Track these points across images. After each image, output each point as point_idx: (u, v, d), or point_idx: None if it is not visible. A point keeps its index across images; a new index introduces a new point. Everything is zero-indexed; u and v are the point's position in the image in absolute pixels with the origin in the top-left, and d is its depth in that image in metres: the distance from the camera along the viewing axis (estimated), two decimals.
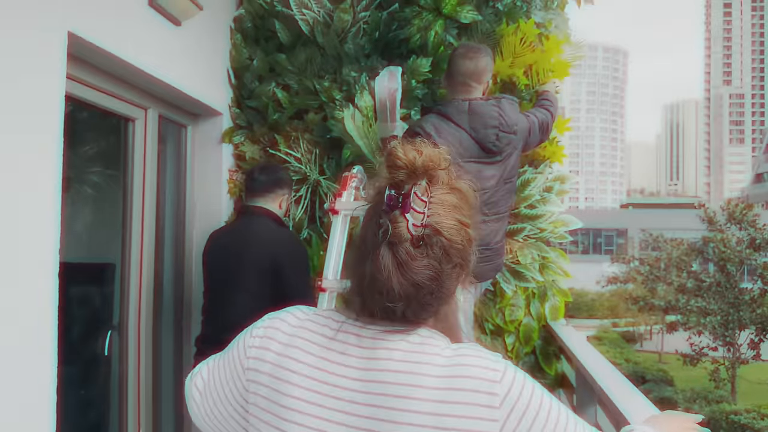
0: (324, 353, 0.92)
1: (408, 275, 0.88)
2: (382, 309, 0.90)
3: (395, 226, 0.88)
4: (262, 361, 0.95)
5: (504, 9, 3.12)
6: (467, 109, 2.40)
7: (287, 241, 2.64)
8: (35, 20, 1.86)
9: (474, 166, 2.38)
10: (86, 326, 2.94)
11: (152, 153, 2.87)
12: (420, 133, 2.37)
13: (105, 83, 2.47)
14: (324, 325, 0.96)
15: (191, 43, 2.85)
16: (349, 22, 3.15)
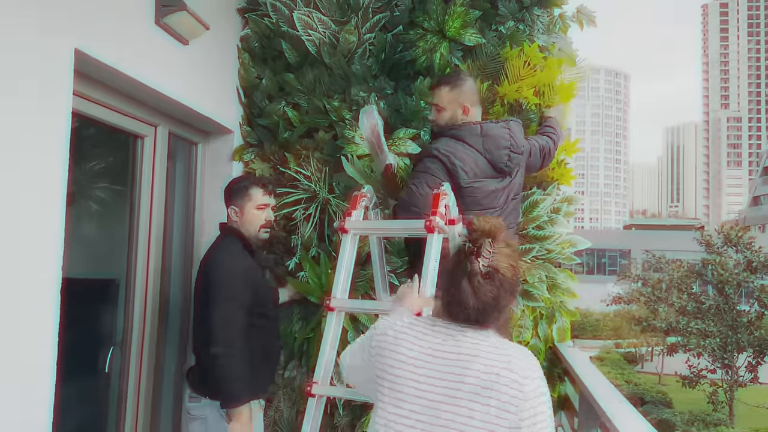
0: (426, 339, 1.50)
1: (479, 297, 1.45)
2: (463, 317, 1.49)
3: (472, 267, 1.46)
4: (381, 349, 1.55)
5: (507, 32, 3.16)
6: (480, 132, 2.52)
7: (213, 263, 2.50)
8: (41, 37, 1.88)
9: (488, 185, 2.49)
10: (88, 343, 2.93)
11: (161, 170, 2.88)
12: (437, 156, 2.46)
13: (113, 100, 2.50)
14: (421, 324, 1.56)
15: (199, 61, 2.88)
16: (355, 43, 3.18)
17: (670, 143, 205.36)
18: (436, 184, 2.38)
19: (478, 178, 2.46)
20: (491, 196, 2.49)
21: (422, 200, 2.39)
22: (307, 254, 3.18)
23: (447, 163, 2.44)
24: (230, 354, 2.37)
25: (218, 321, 2.38)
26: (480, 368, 1.42)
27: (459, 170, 2.44)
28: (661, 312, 18.35)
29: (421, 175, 2.48)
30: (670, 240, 35.62)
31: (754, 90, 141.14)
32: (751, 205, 74.38)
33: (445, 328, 1.51)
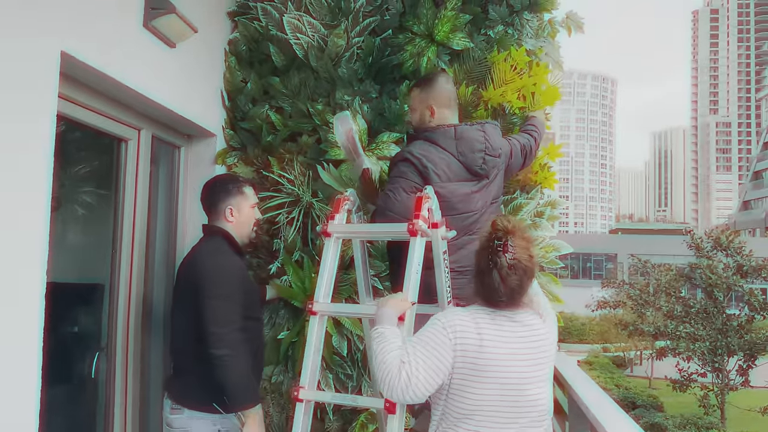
0: (495, 327, 1.83)
1: (507, 284, 1.81)
2: (495, 300, 1.84)
3: (500, 261, 1.80)
4: (464, 338, 1.79)
5: (495, 37, 3.18)
6: (454, 135, 2.47)
7: (209, 264, 2.45)
8: (28, 39, 1.87)
9: (464, 188, 2.44)
10: (73, 347, 2.91)
11: (144, 173, 2.87)
12: (409, 159, 2.41)
13: (98, 103, 2.48)
14: (478, 313, 1.86)
15: (186, 64, 2.87)
16: (343, 47, 3.19)
17: (657, 148, 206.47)
18: (412, 188, 2.37)
19: (452, 181, 2.41)
20: (466, 200, 2.45)
21: (399, 206, 2.36)
22: (291, 258, 3.17)
23: (419, 166, 2.39)
24: (236, 354, 2.34)
25: (221, 321, 2.35)
26: (545, 340, 1.88)
27: (431, 173, 2.39)
28: (648, 316, 18.42)
29: (396, 180, 2.43)
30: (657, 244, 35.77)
31: (744, 95, 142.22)
32: (741, 210, 74.95)
33: (496, 313, 1.85)
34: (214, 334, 2.32)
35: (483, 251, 1.86)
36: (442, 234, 2.33)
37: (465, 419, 1.80)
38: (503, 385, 1.78)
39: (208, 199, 2.63)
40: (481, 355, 1.78)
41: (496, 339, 1.80)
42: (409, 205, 2.35)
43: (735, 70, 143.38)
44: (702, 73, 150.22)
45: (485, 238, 1.88)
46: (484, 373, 1.77)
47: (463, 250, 2.43)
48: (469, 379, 1.79)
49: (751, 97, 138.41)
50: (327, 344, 2.99)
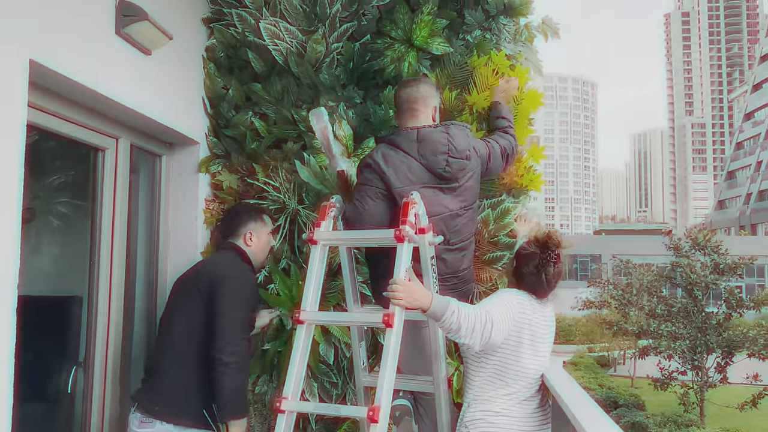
0: (538, 308, 2.35)
1: (551, 285, 2.35)
2: (541, 295, 2.36)
3: (550, 269, 2.30)
4: (521, 312, 2.28)
5: (474, 41, 3.17)
6: (416, 137, 2.44)
7: (229, 270, 2.56)
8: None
9: (429, 192, 2.40)
10: (49, 362, 2.83)
11: (123, 183, 2.81)
12: (370, 164, 2.41)
13: (71, 112, 2.42)
14: (527, 297, 2.33)
15: (163, 72, 2.82)
16: (323, 52, 3.16)
17: (637, 150, 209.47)
18: (378, 195, 2.36)
19: (414, 185, 2.37)
20: (434, 204, 2.40)
21: (366, 215, 2.36)
22: (277, 266, 3.13)
23: (378, 171, 2.38)
24: (243, 363, 2.40)
25: (236, 327, 2.40)
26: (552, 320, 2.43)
27: (390, 177, 2.36)
28: (632, 316, 18.58)
29: (362, 189, 2.42)
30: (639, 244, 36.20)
31: (717, 96, 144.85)
32: (716, 209, 76.16)
33: (537, 301, 2.35)
34: (227, 341, 2.36)
35: (532, 257, 2.31)
36: (429, 239, 2.31)
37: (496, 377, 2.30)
38: (547, 350, 2.38)
39: (231, 222, 2.77)
40: (535, 328, 2.31)
41: (541, 317, 2.33)
42: (376, 213, 2.37)
43: (708, 72, 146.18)
44: (677, 75, 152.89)
45: (538, 247, 2.31)
46: (539, 343, 2.32)
47: (439, 261, 2.41)
48: (525, 344, 2.27)
49: (723, 98, 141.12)
50: (313, 352, 2.95)
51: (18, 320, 1.90)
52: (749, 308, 16.36)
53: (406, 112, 2.54)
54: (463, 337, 2.11)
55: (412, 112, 2.53)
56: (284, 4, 3.20)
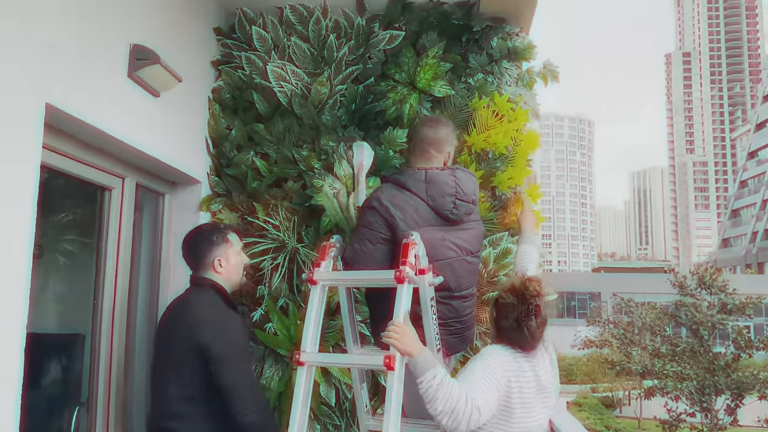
0: (527, 364, 2.14)
1: (536, 337, 2.14)
2: (528, 348, 2.14)
3: (531, 322, 2.11)
4: (506, 378, 2.07)
5: (476, 84, 3.25)
6: (424, 178, 2.41)
7: (215, 324, 2.31)
8: (12, 90, 1.86)
9: (436, 233, 2.38)
10: (52, 402, 2.81)
11: (128, 221, 2.85)
12: (376, 208, 2.35)
13: (83, 153, 2.47)
14: (511, 353, 2.13)
15: (170, 113, 2.88)
16: (327, 94, 3.24)
17: (636, 187, 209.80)
18: (377, 239, 2.33)
19: (420, 227, 2.33)
20: (440, 247, 2.37)
21: (365, 258, 2.33)
22: (275, 305, 3.13)
23: (386, 216, 2.32)
24: (264, 419, 2.30)
25: (246, 384, 2.27)
26: (550, 376, 2.22)
27: (398, 221, 2.31)
28: (634, 355, 18.35)
29: (362, 231, 2.38)
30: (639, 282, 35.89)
31: (719, 135, 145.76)
32: (721, 247, 75.84)
33: (525, 356, 2.14)
34: (245, 404, 2.23)
35: (511, 309, 2.14)
36: (429, 280, 2.31)
37: None
38: (541, 409, 2.17)
39: (193, 252, 2.49)
40: (524, 390, 2.10)
41: (530, 374, 2.13)
42: (375, 257, 2.34)
43: (709, 110, 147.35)
44: (677, 113, 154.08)
45: (515, 298, 2.14)
46: (530, 403, 2.11)
47: (443, 305, 2.40)
48: (516, 406, 2.08)
49: (725, 137, 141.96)
50: (315, 394, 2.93)
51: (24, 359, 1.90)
52: (758, 349, 16.13)
53: (419, 153, 2.50)
54: (435, 412, 1.92)
55: (425, 154, 2.48)
56: (293, 47, 3.30)
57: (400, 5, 3.31)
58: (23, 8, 1.90)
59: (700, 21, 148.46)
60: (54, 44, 2.04)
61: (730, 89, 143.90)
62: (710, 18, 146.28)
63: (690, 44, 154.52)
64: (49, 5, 2.01)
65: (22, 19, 1.89)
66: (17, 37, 1.87)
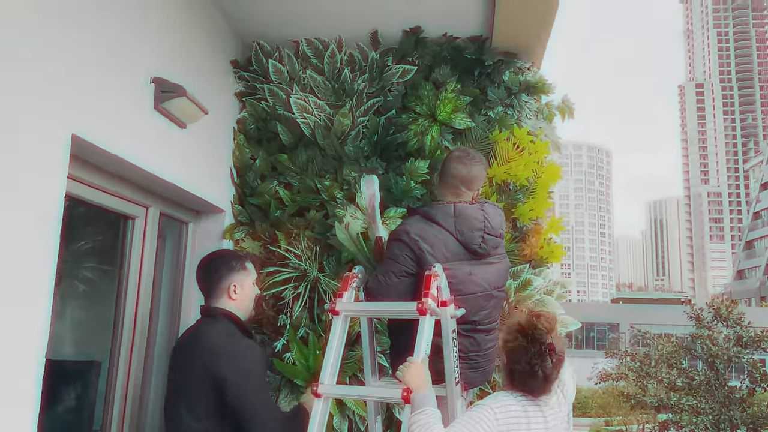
0: (530, 412, 1.92)
1: (550, 380, 1.92)
2: (538, 392, 1.94)
3: (545, 363, 1.89)
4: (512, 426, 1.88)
5: (496, 117, 3.28)
6: (453, 212, 2.39)
7: (232, 355, 2.24)
8: (39, 122, 1.89)
9: (464, 267, 2.36)
10: (66, 429, 2.80)
11: (150, 250, 2.86)
12: (405, 241, 2.33)
13: (108, 183, 2.50)
14: (513, 399, 1.93)
15: (195, 143, 2.92)
16: (349, 125, 3.27)
17: (652, 217, 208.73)
18: (403, 272, 2.31)
19: (449, 261, 2.32)
20: (468, 282, 2.35)
21: (390, 290, 2.31)
22: (296, 335, 3.13)
23: (415, 249, 2.30)
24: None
25: (269, 416, 2.23)
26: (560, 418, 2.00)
27: (427, 255, 2.29)
28: (650, 388, 18.03)
29: (388, 263, 2.36)
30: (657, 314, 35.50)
31: (732, 166, 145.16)
32: (736, 279, 74.86)
33: (532, 402, 1.94)
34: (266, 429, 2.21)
35: (522, 351, 1.92)
36: (451, 312, 2.30)
37: None
38: None
39: (209, 276, 2.44)
40: None
41: (537, 423, 1.92)
42: (399, 290, 2.32)
43: (722, 141, 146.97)
44: (691, 144, 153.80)
45: (525, 339, 1.92)
46: None
47: (466, 338, 2.38)
48: None
49: (739, 167, 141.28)
50: (328, 425, 2.90)
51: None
52: None
53: (451, 188, 2.46)
54: None
55: (456, 190, 2.45)
56: (309, 80, 3.35)
57: (413, 40, 3.36)
58: (53, 42, 1.94)
59: (711, 53, 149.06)
60: (81, 77, 2.08)
61: (743, 120, 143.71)
62: (720, 50, 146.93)
63: (701, 75, 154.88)
64: (78, 40, 2.06)
65: (52, 52, 1.94)
66: (46, 69, 1.91)
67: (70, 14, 2.02)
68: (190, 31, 2.87)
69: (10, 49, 1.76)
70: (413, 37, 3.35)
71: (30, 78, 1.85)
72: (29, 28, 1.84)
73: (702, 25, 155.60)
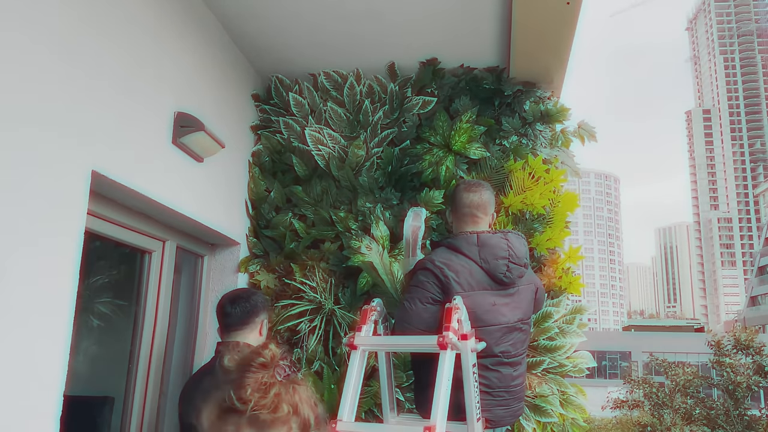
0: None
1: None
2: None
3: None
4: None
5: (510, 146, 3.27)
6: (476, 242, 2.39)
7: None
8: (60, 159, 1.89)
9: (488, 297, 2.34)
10: None
11: (167, 284, 2.84)
12: (430, 269, 2.33)
13: (126, 218, 2.50)
14: None
15: (212, 177, 2.92)
16: (363, 156, 3.27)
17: (662, 243, 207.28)
18: (428, 299, 2.30)
19: (475, 290, 2.31)
20: (493, 312, 2.33)
21: (415, 317, 2.29)
22: (310, 368, 3.08)
23: (440, 276, 2.30)
24: None
25: None
26: None
27: (453, 282, 2.29)
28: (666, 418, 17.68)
29: (414, 290, 2.35)
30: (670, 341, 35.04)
31: (742, 191, 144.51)
32: (749, 306, 73.88)
33: None
34: None
35: None
36: (472, 346, 2.25)
37: None
38: None
39: (251, 311, 2.47)
40: None
41: None
42: (423, 317, 2.29)
43: (731, 167, 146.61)
44: (700, 170, 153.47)
45: None
46: None
47: (492, 372, 2.34)
48: None
49: (749, 192, 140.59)
50: None
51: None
52: None
53: (468, 217, 2.48)
54: None
55: (474, 218, 2.48)
56: (329, 112, 3.36)
57: (431, 71, 3.37)
58: (71, 77, 1.95)
59: (718, 78, 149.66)
60: (100, 112, 2.08)
61: (751, 145, 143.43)
62: (727, 75, 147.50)
63: (709, 102, 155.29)
64: (96, 74, 2.07)
65: (71, 88, 1.94)
66: (64, 105, 1.92)
67: (91, 50, 2.03)
68: (207, 66, 2.90)
69: (33, 81, 1.77)
70: (431, 69, 3.37)
71: (50, 115, 1.85)
72: (51, 63, 1.85)
73: (708, 51, 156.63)
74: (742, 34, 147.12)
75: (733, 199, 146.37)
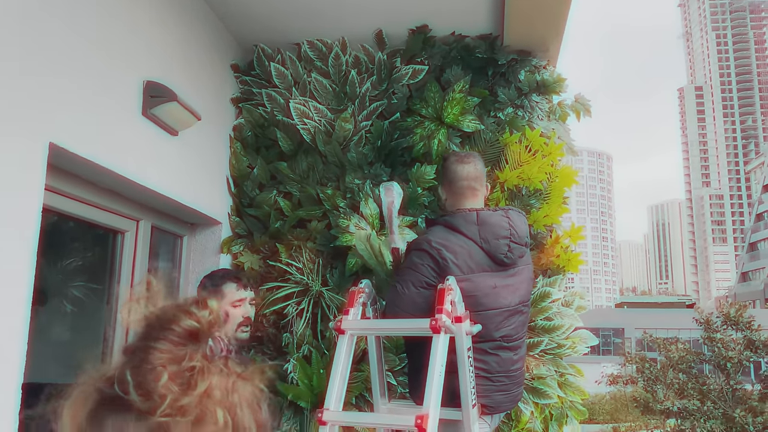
0: None
1: None
2: None
3: None
4: None
5: (506, 118, 3.11)
6: (476, 220, 2.23)
7: None
8: (12, 130, 1.73)
9: (488, 279, 2.19)
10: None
11: (142, 266, 2.69)
12: (426, 250, 2.17)
13: (91, 195, 2.33)
14: None
15: (188, 152, 2.75)
16: (351, 130, 3.10)
17: (655, 221, 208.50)
18: (422, 283, 2.15)
19: (474, 272, 2.16)
20: (494, 295, 2.19)
21: (408, 302, 2.14)
22: (299, 353, 2.94)
23: (437, 257, 2.14)
24: None
25: None
26: None
27: (450, 264, 2.13)
28: (659, 393, 17.86)
29: (407, 273, 2.20)
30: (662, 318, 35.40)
31: (733, 168, 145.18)
32: (740, 281, 74.63)
33: None
34: None
35: None
36: (467, 329, 2.12)
37: None
38: None
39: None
40: None
41: None
42: (417, 302, 2.15)
43: (723, 144, 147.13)
44: (692, 147, 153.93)
45: None
46: None
47: (491, 356, 2.20)
48: None
49: (740, 169, 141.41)
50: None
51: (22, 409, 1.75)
52: None
53: (467, 191, 2.31)
54: None
55: (473, 191, 2.31)
56: (314, 84, 3.18)
57: (421, 39, 3.18)
58: (26, 42, 1.78)
59: (710, 55, 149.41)
60: (58, 80, 1.91)
61: (743, 122, 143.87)
62: (719, 52, 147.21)
63: (701, 79, 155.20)
64: (54, 38, 1.89)
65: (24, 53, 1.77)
66: (17, 71, 1.75)
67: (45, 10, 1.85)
68: (182, 33, 2.71)
69: None
70: (421, 37, 3.18)
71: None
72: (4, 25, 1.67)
73: (700, 28, 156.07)
74: (735, 10, 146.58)
75: (725, 176, 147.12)
